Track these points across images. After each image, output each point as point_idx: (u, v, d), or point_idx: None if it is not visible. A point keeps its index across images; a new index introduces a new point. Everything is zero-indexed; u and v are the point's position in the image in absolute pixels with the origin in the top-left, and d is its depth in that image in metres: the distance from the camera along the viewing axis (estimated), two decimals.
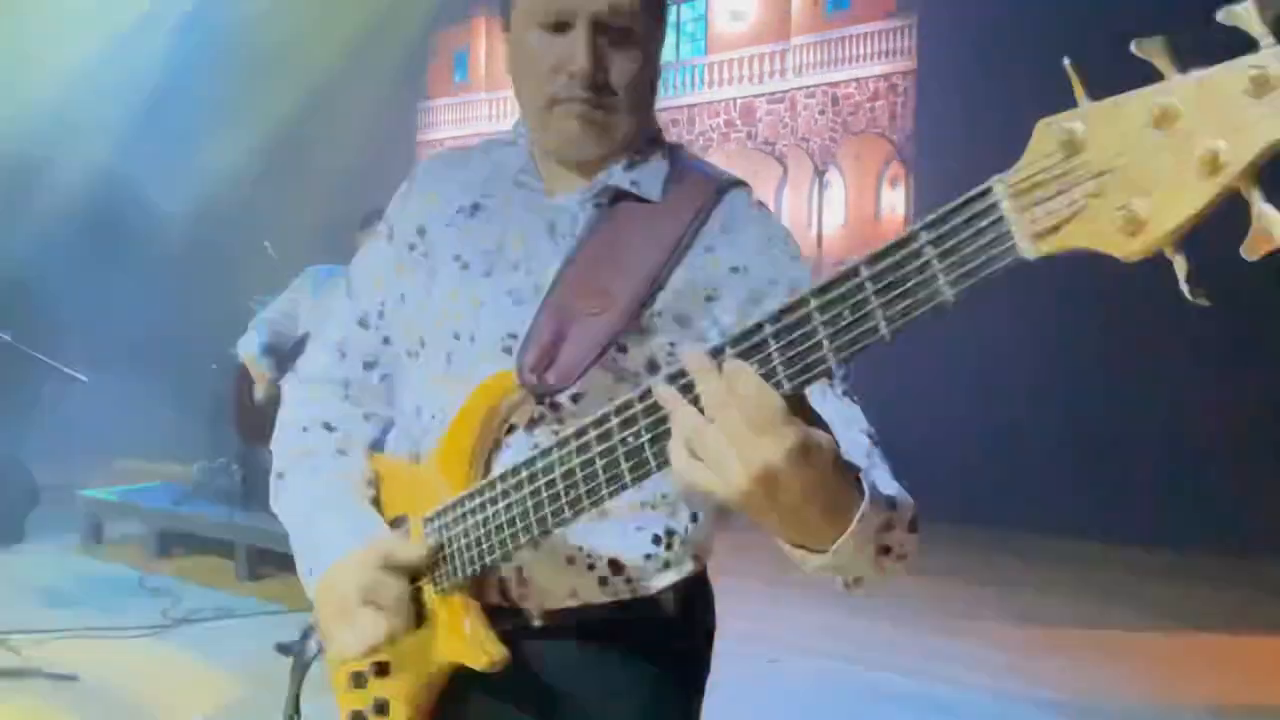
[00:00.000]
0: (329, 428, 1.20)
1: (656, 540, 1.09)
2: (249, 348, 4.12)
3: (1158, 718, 3.32)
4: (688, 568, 1.13)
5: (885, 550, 0.86)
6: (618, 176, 1.10)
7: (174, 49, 8.90)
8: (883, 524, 0.84)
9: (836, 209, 6.95)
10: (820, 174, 7.00)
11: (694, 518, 1.12)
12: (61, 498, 6.34)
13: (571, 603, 1.08)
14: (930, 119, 6.43)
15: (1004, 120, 1.82)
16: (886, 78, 6.71)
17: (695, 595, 1.16)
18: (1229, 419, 5.46)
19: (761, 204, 1.13)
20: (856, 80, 6.83)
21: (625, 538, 1.08)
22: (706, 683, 1.20)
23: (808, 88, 7.02)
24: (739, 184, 1.13)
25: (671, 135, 1.22)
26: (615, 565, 1.08)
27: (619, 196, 1.10)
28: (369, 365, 1.21)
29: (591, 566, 1.08)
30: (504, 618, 1.07)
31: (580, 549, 1.07)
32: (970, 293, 0.69)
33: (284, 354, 4.12)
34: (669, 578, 1.11)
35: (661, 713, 1.13)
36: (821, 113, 6.97)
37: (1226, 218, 0.61)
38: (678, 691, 1.16)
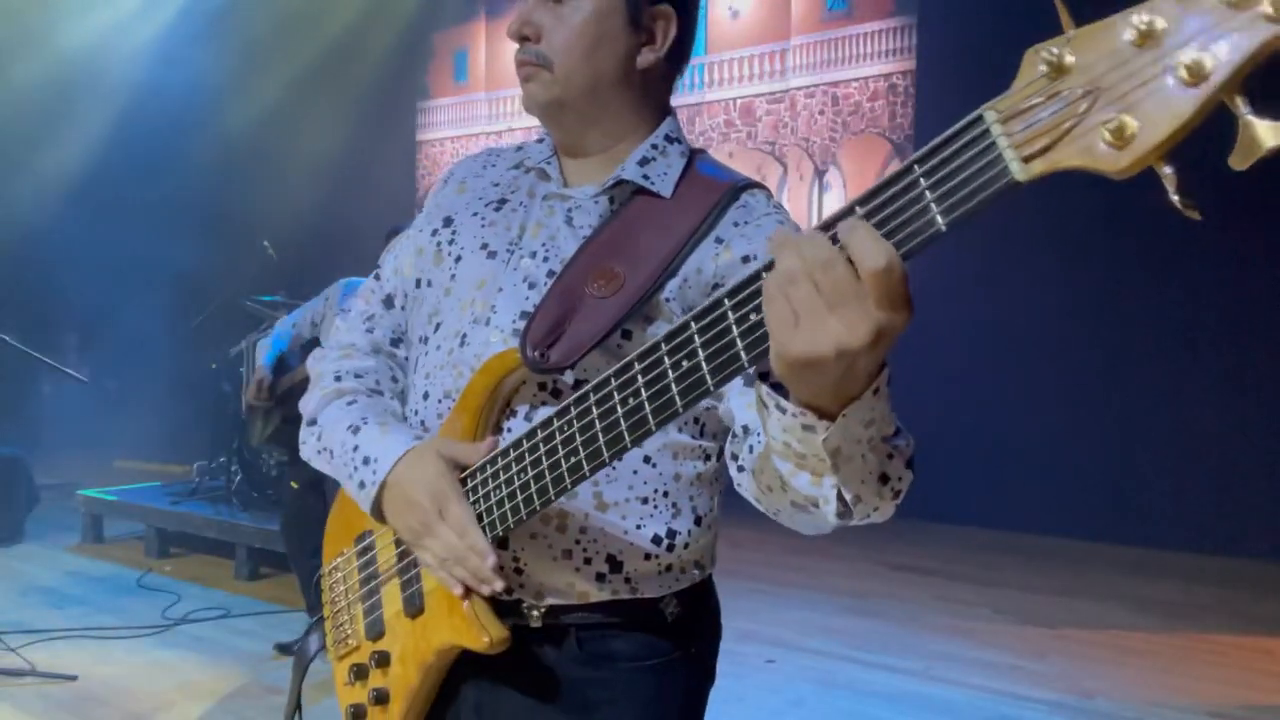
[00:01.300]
0: (359, 375, 1.21)
1: (657, 540, 1.08)
2: (263, 351, 4.16)
3: (1158, 718, 3.32)
4: (691, 575, 1.12)
5: (884, 479, 0.84)
6: (630, 171, 1.12)
7: (173, 49, 8.89)
8: (891, 433, 0.83)
9: (837, 209, 6.94)
10: (820, 174, 7.00)
11: (697, 521, 1.11)
12: (61, 498, 6.34)
13: (569, 598, 1.08)
14: (930, 119, 6.42)
15: None
16: (886, 78, 6.70)
17: (700, 604, 1.15)
18: (1229, 420, 5.46)
19: (780, 206, 1.14)
20: (856, 80, 6.83)
21: (625, 534, 1.07)
22: (709, 692, 1.18)
23: (808, 88, 7.02)
24: (758, 185, 1.14)
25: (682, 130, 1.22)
26: (613, 562, 1.07)
27: (636, 192, 1.11)
28: (395, 342, 1.25)
29: (589, 561, 1.07)
30: (502, 614, 1.07)
31: (578, 542, 1.06)
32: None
33: (291, 357, 4.14)
34: (670, 583, 1.10)
35: (661, 717, 1.12)
36: (821, 113, 6.97)
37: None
38: (679, 699, 1.14)
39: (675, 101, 1.21)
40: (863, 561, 5.30)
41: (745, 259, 1.06)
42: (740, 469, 1.01)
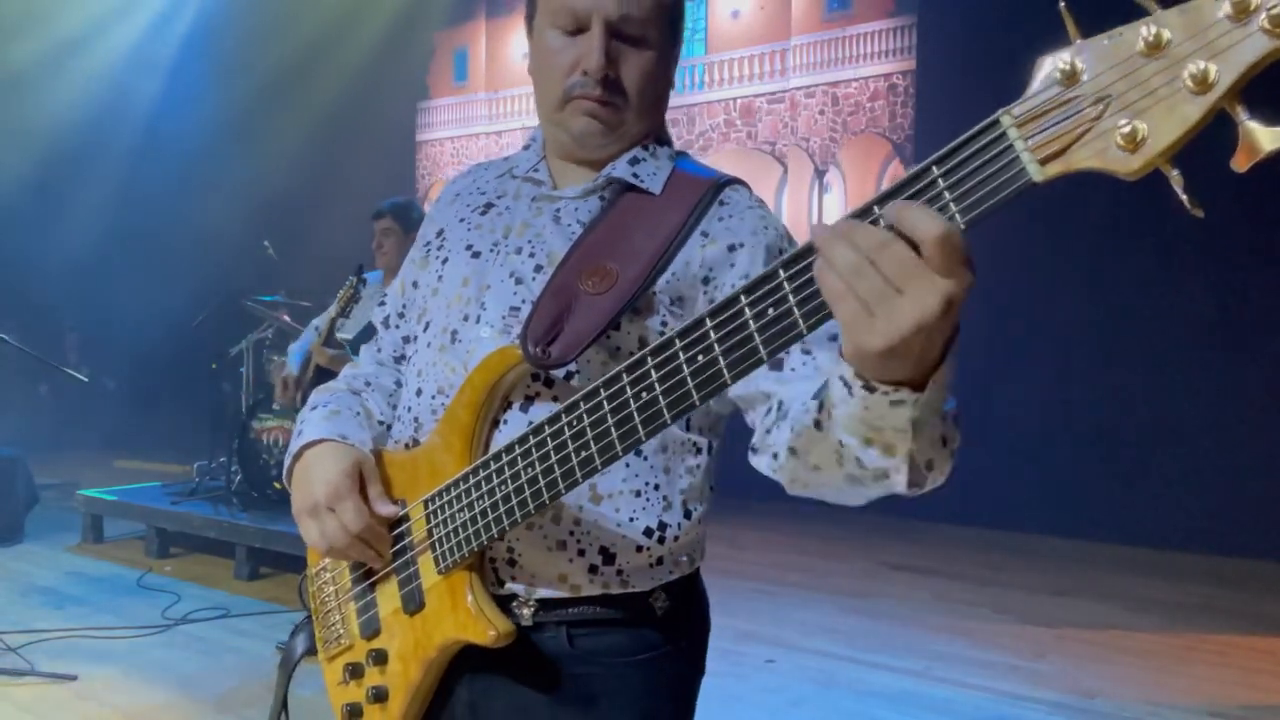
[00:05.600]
0: (355, 377, 1.31)
1: (649, 533, 1.09)
2: (293, 365, 4.16)
3: (1158, 718, 3.32)
4: (681, 568, 1.14)
5: (944, 441, 0.84)
6: (621, 169, 1.15)
7: (176, 56, 8.90)
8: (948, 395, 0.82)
9: (836, 209, 6.95)
10: (820, 174, 7.00)
11: (687, 514, 1.12)
12: (61, 498, 6.34)
13: (561, 590, 1.09)
14: (930, 119, 6.43)
15: None
16: (886, 78, 6.70)
17: (689, 597, 1.17)
18: (1229, 420, 5.46)
19: (761, 201, 1.18)
20: (856, 80, 6.83)
21: (618, 526, 1.09)
22: (699, 685, 1.20)
23: (808, 88, 7.02)
24: (738, 181, 1.18)
25: (671, 135, 1.26)
26: (606, 554, 1.09)
27: (624, 190, 1.15)
28: (398, 359, 1.32)
29: (582, 553, 1.08)
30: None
31: (572, 534, 1.08)
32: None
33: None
34: (661, 575, 1.12)
35: (653, 711, 1.13)
36: (821, 113, 6.97)
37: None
38: (670, 692, 1.16)
39: (676, 101, 1.25)
40: (863, 561, 5.30)
41: (731, 248, 1.10)
42: (775, 455, 0.98)
